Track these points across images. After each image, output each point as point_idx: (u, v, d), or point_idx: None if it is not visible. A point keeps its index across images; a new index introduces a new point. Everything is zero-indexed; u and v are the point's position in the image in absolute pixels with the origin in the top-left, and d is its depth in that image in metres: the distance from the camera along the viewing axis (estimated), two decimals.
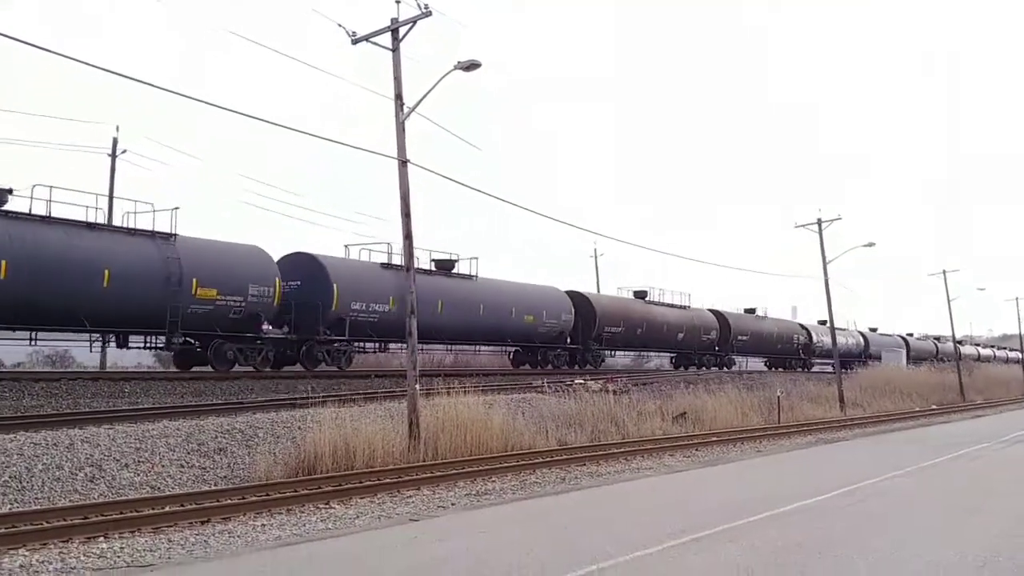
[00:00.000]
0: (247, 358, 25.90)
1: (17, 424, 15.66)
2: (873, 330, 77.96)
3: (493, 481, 16.39)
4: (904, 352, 70.99)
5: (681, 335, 48.63)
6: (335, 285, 28.60)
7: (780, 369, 60.12)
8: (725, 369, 52.45)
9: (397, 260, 30.48)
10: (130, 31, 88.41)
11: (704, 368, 50.15)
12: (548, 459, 19.10)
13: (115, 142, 35.69)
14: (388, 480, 15.55)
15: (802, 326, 65.04)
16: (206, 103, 17.43)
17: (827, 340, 62.46)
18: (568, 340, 40.57)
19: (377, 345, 32.16)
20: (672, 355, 52.12)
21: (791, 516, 12.38)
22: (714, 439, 24.51)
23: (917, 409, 42.55)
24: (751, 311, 58.21)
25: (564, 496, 14.96)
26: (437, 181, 43.63)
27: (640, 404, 27.02)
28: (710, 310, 53.46)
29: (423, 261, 32.48)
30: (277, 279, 26.85)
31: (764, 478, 18.14)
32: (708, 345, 51.74)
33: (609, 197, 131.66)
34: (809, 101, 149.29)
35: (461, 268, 34.92)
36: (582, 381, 30.58)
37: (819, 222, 40.66)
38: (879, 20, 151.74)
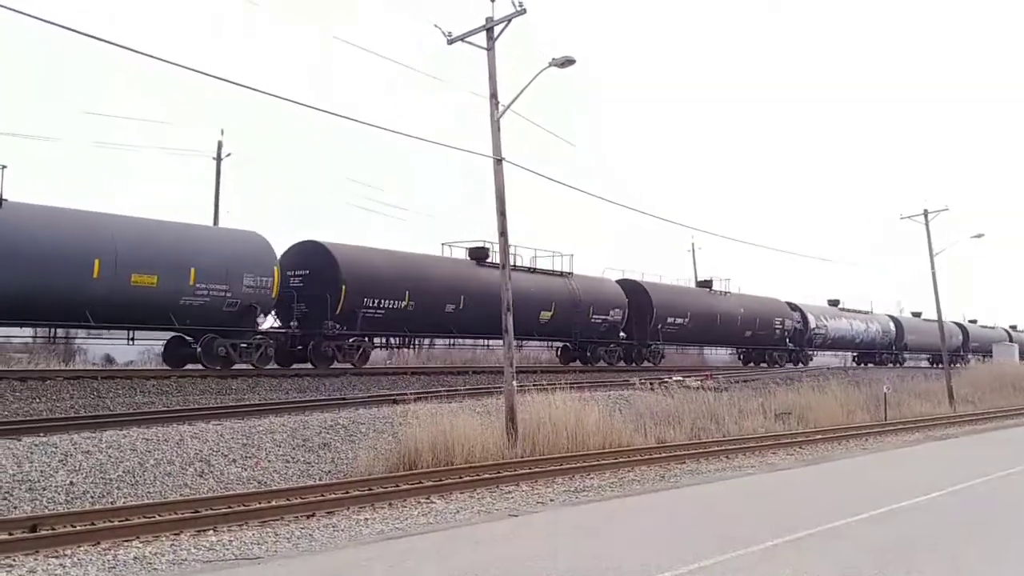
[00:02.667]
0: None
1: (130, 420, 16.27)
2: (916, 315, 64.38)
3: (591, 478, 16.33)
4: (1017, 347, 67.80)
5: (548, 314, 32.71)
6: None
7: (763, 364, 46.50)
8: (647, 364, 38.08)
9: None
10: (221, 34, 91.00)
11: (602, 362, 36.17)
12: (647, 456, 18.94)
13: (220, 145, 36.58)
14: (487, 476, 15.61)
15: (793, 307, 49.46)
16: (308, 106, 17.75)
17: (832, 325, 53.10)
18: (264, 320, 25.12)
19: None
20: (561, 344, 36.54)
21: (898, 515, 12.01)
22: (818, 436, 23.98)
23: None
24: (705, 283, 44.73)
25: (663, 494, 14.80)
26: (530, 178, 43.25)
27: (741, 402, 26.69)
28: (621, 280, 38.77)
29: None
30: None
31: (870, 476, 17.66)
32: (607, 330, 36.37)
33: (706, 191, 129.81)
34: (916, 86, 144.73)
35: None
36: (680, 378, 30.33)
37: (925, 213, 39.69)
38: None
